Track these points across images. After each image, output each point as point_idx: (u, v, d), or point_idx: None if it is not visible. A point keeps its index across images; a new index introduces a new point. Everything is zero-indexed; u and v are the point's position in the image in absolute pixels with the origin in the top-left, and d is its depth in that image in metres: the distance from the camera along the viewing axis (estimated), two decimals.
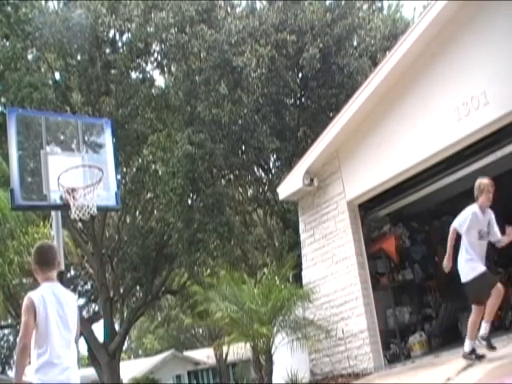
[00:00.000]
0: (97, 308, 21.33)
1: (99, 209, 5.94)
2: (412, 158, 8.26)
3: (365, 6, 16.72)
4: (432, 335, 9.29)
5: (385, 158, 8.62)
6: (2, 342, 27.21)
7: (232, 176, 16.83)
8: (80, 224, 16.04)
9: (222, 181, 16.41)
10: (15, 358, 3.67)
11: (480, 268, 5.93)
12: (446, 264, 6.23)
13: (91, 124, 7.03)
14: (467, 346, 5.90)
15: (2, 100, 14.14)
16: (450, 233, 6.16)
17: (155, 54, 15.51)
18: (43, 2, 14.22)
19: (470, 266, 5.97)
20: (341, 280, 9.17)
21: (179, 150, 12.84)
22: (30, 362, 3.83)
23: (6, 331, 26.16)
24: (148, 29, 13.87)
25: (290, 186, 10.10)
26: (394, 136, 8.54)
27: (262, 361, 9.64)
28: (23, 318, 3.66)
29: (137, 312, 18.01)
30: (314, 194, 9.89)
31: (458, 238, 6.30)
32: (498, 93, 7.15)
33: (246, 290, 9.01)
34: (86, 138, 6.58)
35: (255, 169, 17.13)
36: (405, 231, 9.90)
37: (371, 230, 9.72)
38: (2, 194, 8.55)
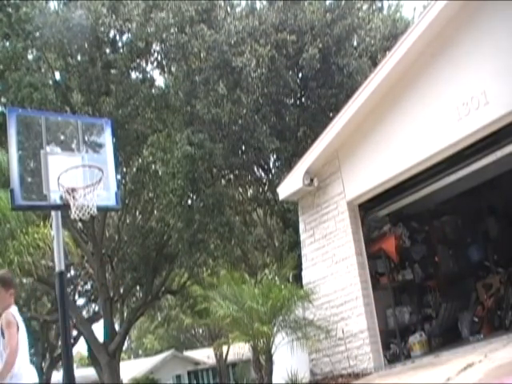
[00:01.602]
0: (97, 308, 21.35)
1: (99, 209, 5.94)
2: (412, 157, 8.26)
3: (365, 6, 16.71)
4: (432, 335, 9.29)
5: (385, 157, 8.62)
6: None
7: (232, 176, 16.83)
8: (80, 224, 16.05)
9: (222, 181, 16.41)
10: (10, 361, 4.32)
11: None
12: None
13: (91, 124, 7.01)
14: None
15: (2, 100, 14.15)
16: None
17: (155, 54, 15.52)
18: (44, 2, 14.21)
19: None
20: (341, 280, 9.17)
21: (179, 151, 12.84)
22: None
23: None
24: (148, 29, 13.87)
25: (290, 186, 10.10)
26: (393, 136, 8.55)
27: (262, 361, 9.63)
28: (12, 330, 4.36)
29: (137, 312, 18.02)
30: (314, 194, 9.89)
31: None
32: (498, 93, 7.15)
33: (246, 289, 9.01)
34: (86, 138, 6.57)
35: (255, 169, 17.12)
36: (405, 231, 9.90)
37: (371, 230, 9.72)
38: (2, 194, 8.54)
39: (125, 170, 16.21)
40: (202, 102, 13.94)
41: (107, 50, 14.61)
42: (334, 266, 9.35)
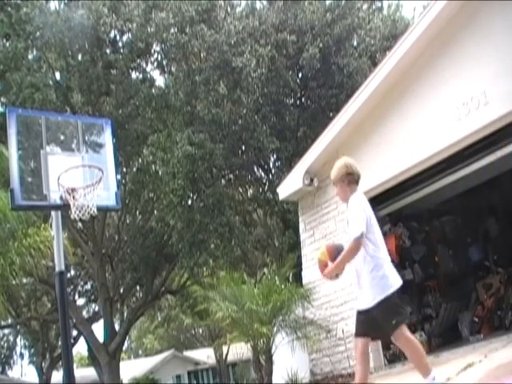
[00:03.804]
0: (97, 308, 21.36)
1: (99, 209, 5.93)
2: (412, 157, 8.26)
3: (365, 6, 16.72)
4: (432, 335, 9.29)
5: (385, 157, 8.62)
6: (2, 342, 27.22)
7: (232, 176, 16.84)
8: (80, 224, 16.05)
9: (222, 181, 16.42)
10: None
11: None
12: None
13: (91, 124, 6.99)
14: None
15: (3, 100, 14.16)
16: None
17: (155, 54, 15.55)
18: (44, 2, 14.22)
19: None
20: (341, 280, 9.13)
21: (179, 151, 12.84)
22: None
23: (6, 331, 26.15)
24: (148, 29, 13.88)
25: (289, 185, 10.10)
26: (393, 136, 8.55)
27: (262, 361, 9.63)
28: None
29: (137, 312, 18.02)
30: (314, 194, 9.89)
31: None
32: (498, 92, 7.15)
33: (246, 290, 9.01)
34: (86, 138, 6.56)
35: (255, 169, 17.13)
36: (405, 231, 9.89)
37: None
38: (2, 194, 8.54)
39: (125, 170, 16.21)
40: (203, 102, 13.95)
41: (108, 50, 14.62)
42: None
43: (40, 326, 22.64)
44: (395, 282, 4.22)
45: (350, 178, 4.38)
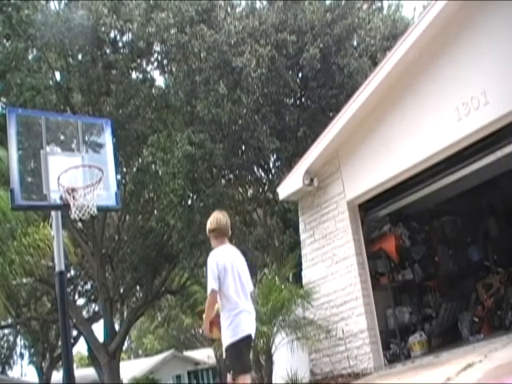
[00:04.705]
0: (97, 308, 21.36)
1: (99, 209, 5.94)
2: (412, 157, 8.27)
3: (365, 6, 16.69)
4: (432, 335, 9.29)
5: (385, 157, 8.63)
6: (2, 342, 27.22)
7: (232, 176, 16.82)
8: (80, 224, 16.05)
9: (222, 181, 16.41)
10: None
11: None
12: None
13: (91, 124, 7.02)
14: None
15: (3, 100, 14.15)
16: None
17: (156, 54, 15.54)
18: (44, 3, 14.22)
19: None
20: (341, 280, 9.17)
21: (179, 151, 12.84)
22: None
23: (6, 331, 26.15)
24: (149, 29, 13.87)
25: (289, 185, 10.11)
26: (394, 136, 8.55)
27: (262, 361, 9.63)
28: None
29: (137, 312, 18.03)
30: (314, 194, 9.89)
31: None
32: (498, 93, 7.16)
33: None
34: (86, 138, 6.57)
35: (255, 169, 17.12)
36: (405, 231, 9.90)
37: (371, 230, 9.72)
38: (2, 194, 8.54)
39: (125, 170, 16.21)
40: (203, 102, 13.93)
41: (108, 51, 14.61)
42: (334, 266, 9.36)
43: (40, 326, 22.64)
44: (241, 331, 4.63)
45: (215, 234, 4.82)
